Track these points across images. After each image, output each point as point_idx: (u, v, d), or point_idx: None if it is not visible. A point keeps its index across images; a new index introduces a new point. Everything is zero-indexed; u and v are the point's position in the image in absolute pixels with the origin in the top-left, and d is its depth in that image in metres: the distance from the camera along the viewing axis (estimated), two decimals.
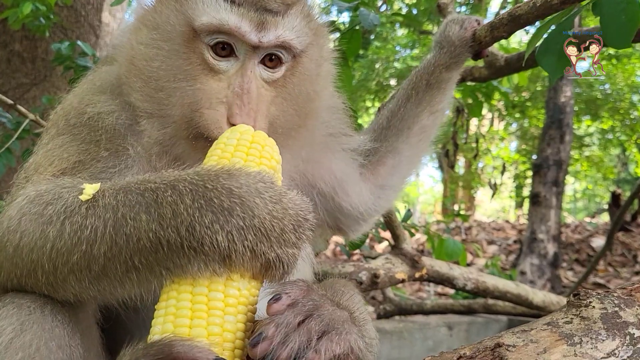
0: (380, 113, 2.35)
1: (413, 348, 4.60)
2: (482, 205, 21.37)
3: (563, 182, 8.89)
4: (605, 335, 1.30)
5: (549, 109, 8.86)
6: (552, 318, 1.36)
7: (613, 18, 1.70)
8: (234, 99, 1.55)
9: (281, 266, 1.25)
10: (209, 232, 1.19)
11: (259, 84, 1.60)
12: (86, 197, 1.30)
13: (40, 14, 3.99)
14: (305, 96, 1.71)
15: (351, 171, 2.11)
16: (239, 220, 1.21)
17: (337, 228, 2.22)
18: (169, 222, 1.20)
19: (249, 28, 1.56)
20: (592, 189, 20.43)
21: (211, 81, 1.57)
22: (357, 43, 3.21)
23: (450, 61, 2.22)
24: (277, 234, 1.23)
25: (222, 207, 1.21)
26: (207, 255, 1.20)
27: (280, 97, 1.65)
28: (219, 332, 1.18)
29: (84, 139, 1.61)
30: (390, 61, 12.71)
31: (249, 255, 1.21)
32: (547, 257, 8.25)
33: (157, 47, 1.60)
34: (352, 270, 3.51)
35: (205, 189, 1.23)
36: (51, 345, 1.28)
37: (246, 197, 1.23)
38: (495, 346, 1.27)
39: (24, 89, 5.04)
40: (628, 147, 15.17)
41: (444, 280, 4.17)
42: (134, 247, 1.22)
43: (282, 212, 1.25)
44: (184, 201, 1.22)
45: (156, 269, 1.23)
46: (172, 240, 1.20)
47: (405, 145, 2.25)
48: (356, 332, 1.21)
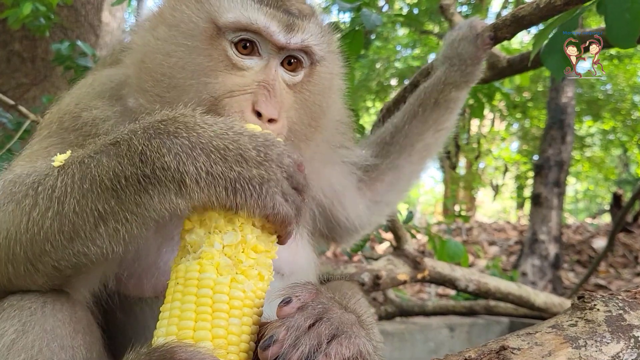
0: (384, 126, 2.31)
1: (414, 349, 4.59)
2: (483, 206, 21.37)
3: (564, 182, 8.88)
4: (610, 338, 1.29)
5: (550, 109, 8.85)
6: (557, 321, 1.36)
7: (618, 17, 1.69)
8: (260, 90, 1.53)
9: (252, 190, 1.23)
10: (158, 154, 1.22)
11: (280, 83, 1.60)
12: (58, 163, 1.35)
13: (40, 14, 3.98)
14: (318, 108, 1.71)
15: (349, 185, 2.11)
16: (184, 140, 1.23)
17: (331, 238, 2.22)
18: (125, 156, 1.24)
19: (277, 29, 1.56)
20: (594, 189, 20.42)
21: (234, 77, 1.56)
22: (359, 43, 3.20)
23: (461, 80, 2.17)
24: (235, 153, 1.24)
25: (167, 131, 1.24)
26: (160, 182, 1.22)
27: (297, 104, 1.65)
28: (224, 334, 1.17)
29: (71, 142, 1.60)
30: (391, 61, 12.71)
31: (205, 177, 1.22)
32: (548, 258, 8.24)
33: (176, 44, 1.57)
34: (354, 272, 3.50)
35: (156, 121, 1.28)
36: (53, 346, 1.28)
37: (191, 122, 1.27)
38: (500, 349, 1.26)
39: (24, 88, 5.04)
40: (629, 147, 15.17)
41: (445, 282, 4.16)
42: (98, 193, 1.25)
43: (233, 134, 1.27)
44: (136, 134, 1.25)
45: (121, 215, 1.25)
46: (128, 173, 1.23)
47: (406, 163, 2.23)
48: (364, 336, 1.21)
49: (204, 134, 1.25)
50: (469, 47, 2.16)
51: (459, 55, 2.17)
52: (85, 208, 1.26)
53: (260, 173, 1.25)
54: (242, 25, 1.55)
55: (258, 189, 1.24)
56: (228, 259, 1.24)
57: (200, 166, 1.22)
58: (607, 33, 1.73)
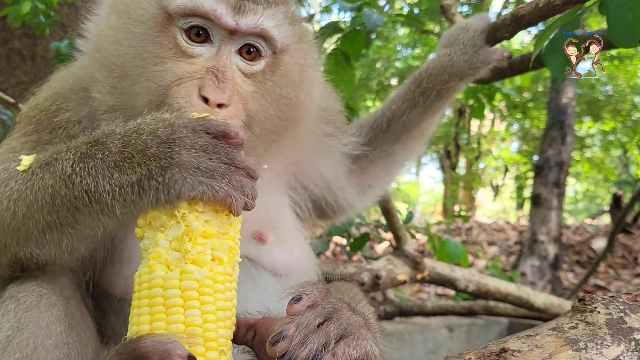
0: (380, 110, 2.26)
1: (413, 349, 4.58)
2: (482, 206, 21.37)
3: (564, 183, 8.87)
4: (611, 341, 1.29)
5: (550, 110, 8.84)
6: (557, 323, 1.35)
7: (619, 17, 1.69)
8: (208, 76, 1.49)
9: (157, 184, 1.22)
10: (79, 178, 1.28)
11: (235, 71, 1.55)
12: (22, 167, 1.40)
13: (40, 12, 3.97)
14: (286, 100, 1.66)
15: (340, 173, 2.10)
16: (99, 161, 1.29)
17: (320, 218, 2.23)
18: (60, 177, 1.30)
19: (226, 11, 1.51)
20: (593, 190, 20.41)
21: (183, 64, 1.52)
22: (359, 43, 3.19)
23: (467, 72, 2.08)
24: (140, 156, 1.25)
25: (87, 154, 1.31)
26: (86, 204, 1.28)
27: (259, 94, 1.59)
28: (182, 329, 1.17)
29: (48, 142, 1.61)
30: (391, 61, 12.69)
31: (119, 192, 1.25)
32: (547, 259, 8.24)
33: (127, 31, 1.55)
34: (354, 272, 3.49)
35: (83, 143, 1.34)
36: (48, 344, 1.29)
37: (108, 140, 1.31)
38: (501, 351, 1.26)
39: (24, 86, 5.01)
40: (629, 148, 15.15)
41: (445, 282, 4.16)
42: (42, 205, 1.32)
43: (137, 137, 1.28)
44: (67, 155, 1.33)
45: (63, 228, 1.33)
46: (62, 193, 1.29)
47: (401, 149, 2.21)
48: (372, 339, 1.22)
49: (114, 148, 1.28)
50: (483, 41, 2.06)
51: (474, 46, 2.06)
52: (34, 215, 1.34)
53: (161, 164, 1.23)
54: (190, 9, 1.51)
55: (168, 179, 1.22)
56: (176, 252, 1.23)
57: (114, 182, 1.25)
58: (609, 34, 1.73)
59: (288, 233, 1.87)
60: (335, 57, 3.05)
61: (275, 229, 1.81)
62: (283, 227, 1.86)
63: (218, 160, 1.25)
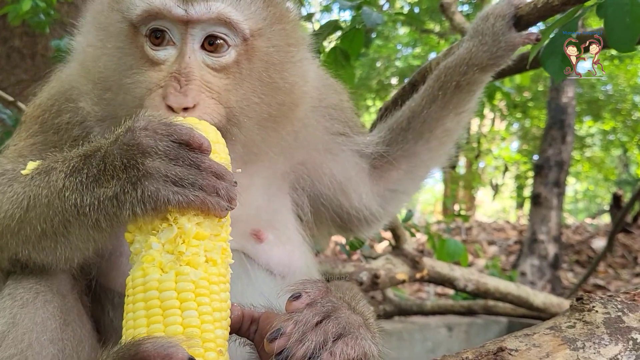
0: (400, 109, 2.12)
1: (413, 349, 4.59)
2: (482, 205, 21.36)
3: (564, 182, 8.87)
4: (608, 340, 1.29)
5: (550, 109, 8.84)
6: (555, 322, 1.35)
7: (617, 20, 1.67)
8: (170, 82, 1.48)
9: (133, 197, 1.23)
10: (69, 191, 1.32)
11: (201, 69, 1.51)
12: (26, 172, 1.46)
13: (40, 10, 3.97)
14: (272, 85, 1.61)
15: (354, 173, 2.01)
16: (84, 176, 1.32)
17: (344, 227, 2.12)
18: (53, 189, 1.35)
19: (174, 3, 1.49)
20: (593, 190, 20.41)
21: (151, 72, 1.52)
22: (359, 42, 3.19)
23: (488, 62, 1.93)
24: (109, 169, 1.28)
25: (77, 168, 1.34)
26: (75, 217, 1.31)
27: (235, 85, 1.56)
28: (180, 330, 1.17)
29: (55, 143, 1.67)
30: (391, 60, 12.69)
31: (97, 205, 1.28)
32: (547, 258, 8.24)
33: (104, 47, 1.60)
34: (353, 271, 3.50)
35: (76, 155, 1.38)
36: (43, 340, 1.30)
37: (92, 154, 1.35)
38: (498, 350, 1.26)
39: (24, 85, 5.01)
40: (629, 148, 15.15)
41: (444, 281, 4.16)
42: (36, 213, 1.36)
43: (107, 149, 1.31)
44: (61, 167, 1.38)
45: (56, 237, 1.36)
46: (55, 205, 1.34)
47: (424, 150, 2.07)
48: (370, 338, 1.22)
49: (94, 162, 1.31)
50: (505, 27, 1.92)
51: (494, 34, 1.92)
52: (32, 220, 1.37)
53: (131, 177, 1.25)
54: (146, 12, 1.51)
55: (134, 195, 1.23)
56: (170, 254, 1.23)
57: (95, 196, 1.28)
58: (607, 37, 1.71)
59: (288, 234, 1.84)
60: (335, 55, 3.04)
61: (275, 228, 1.79)
62: (283, 228, 1.83)
63: (184, 167, 1.24)
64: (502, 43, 1.91)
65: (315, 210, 1.98)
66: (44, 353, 1.29)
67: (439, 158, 2.16)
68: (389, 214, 2.17)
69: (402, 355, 4.45)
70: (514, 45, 1.92)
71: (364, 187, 2.04)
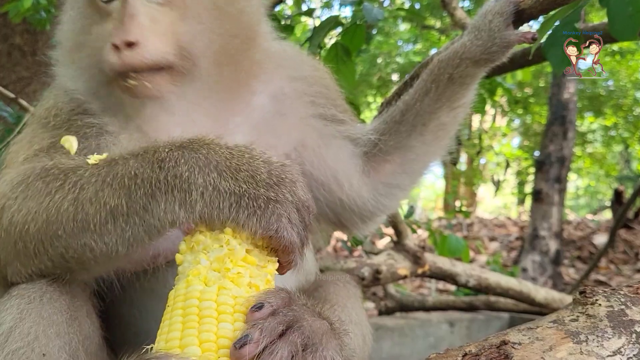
0: (395, 103, 2.12)
1: (414, 345, 4.59)
2: (484, 201, 21.37)
3: (565, 178, 8.87)
4: (612, 334, 1.28)
5: (552, 105, 8.83)
6: (558, 316, 1.35)
7: (619, 10, 1.68)
8: (115, 24, 1.57)
9: (256, 207, 1.24)
10: (174, 163, 1.29)
11: (144, 5, 1.57)
12: (93, 162, 1.40)
13: (40, 8, 3.97)
14: (224, 13, 1.66)
15: (346, 161, 1.99)
16: (200, 156, 1.30)
17: (338, 223, 2.11)
18: (148, 161, 1.31)
19: None
20: (595, 186, 20.40)
21: (104, 23, 1.62)
22: (360, 38, 3.19)
23: (481, 56, 1.92)
24: (246, 174, 1.28)
25: (190, 147, 1.32)
26: (168, 190, 1.27)
27: (184, 16, 1.61)
28: (214, 339, 1.15)
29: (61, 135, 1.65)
30: (392, 56, 12.68)
31: (211, 191, 1.25)
32: (548, 254, 8.24)
33: (69, 17, 1.75)
34: (354, 266, 3.50)
35: (186, 139, 1.35)
36: (49, 333, 1.29)
37: (213, 144, 1.34)
38: (501, 343, 1.26)
39: (25, 82, 5.02)
40: (631, 144, 15.14)
41: (446, 277, 4.16)
42: (115, 189, 1.31)
43: (249, 158, 1.31)
44: (164, 145, 1.34)
45: (129, 216, 1.30)
46: (145, 176, 1.29)
47: (418, 143, 2.05)
48: (334, 347, 1.20)
49: (222, 154, 1.31)
50: (502, 25, 1.91)
51: (489, 30, 1.91)
52: (101, 199, 1.31)
53: (268, 194, 1.26)
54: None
55: (263, 207, 1.24)
56: (216, 272, 1.24)
57: (210, 180, 1.26)
58: (609, 26, 1.71)
59: None
60: (336, 51, 3.05)
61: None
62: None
63: (301, 220, 1.29)
64: (497, 39, 1.90)
65: None
66: (51, 345, 1.28)
67: (435, 153, 2.14)
68: (384, 208, 2.15)
69: (403, 351, 4.46)
70: (508, 42, 1.90)
71: (355, 174, 2.03)
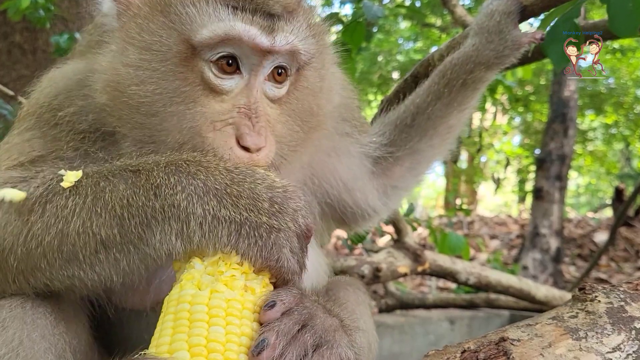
0: (404, 104, 2.10)
1: (414, 342, 4.59)
2: (484, 199, 21.35)
3: (566, 176, 8.87)
4: (611, 330, 1.28)
5: (552, 103, 8.83)
6: (558, 312, 1.35)
7: (620, 7, 1.69)
8: (242, 120, 1.41)
9: (257, 237, 1.21)
10: (171, 191, 1.23)
11: (264, 101, 1.47)
12: (68, 184, 1.32)
13: (39, 6, 3.96)
14: (309, 111, 1.59)
15: (359, 171, 1.99)
16: (199, 182, 1.24)
17: (341, 222, 2.11)
18: (142, 187, 1.25)
19: (259, 32, 1.40)
20: (596, 183, 20.38)
21: (213, 103, 1.43)
22: (360, 35, 3.18)
23: (494, 61, 1.93)
24: (247, 201, 1.23)
25: (188, 171, 1.26)
26: (165, 220, 1.23)
27: (284, 115, 1.53)
28: (204, 343, 1.13)
29: (54, 137, 1.55)
30: (393, 54, 12.67)
31: (210, 221, 1.21)
32: (549, 252, 8.24)
33: (150, 69, 1.42)
34: (354, 264, 3.50)
35: (181, 159, 1.29)
36: (34, 336, 1.28)
37: (212, 167, 1.27)
38: (500, 340, 1.25)
39: (25, 80, 5.01)
40: (632, 141, 15.12)
41: (446, 275, 4.16)
42: (106, 219, 1.25)
43: (251, 183, 1.26)
44: (158, 167, 1.28)
45: (123, 245, 1.25)
46: (140, 204, 1.24)
47: (427, 147, 2.06)
48: (346, 344, 1.21)
49: (221, 180, 1.25)
50: (511, 25, 1.90)
51: (500, 32, 1.91)
52: (89, 230, 1.25)
53: (270, 222, 1.22)
54: (220, 37, 1.39)
55: (265, 237, 1.21)
56: (210, 276, 1.22)
57: (209, 209, 1.22)
58: (609, 23, 1.72)
59: None
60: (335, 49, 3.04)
61: None
62: None
63: (301, 247, 1.28)
64: (508, 42, 1.90)
65: (319, 209, 1.96)
66: (36, 348, 1.26)
67: (440, 154, 2.15)
68: (389, 209, 2.17)
69: (404, 349, 4.46)
70: (520, 44, 1.90)
71: (369, 186, 2.03)
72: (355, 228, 2.18)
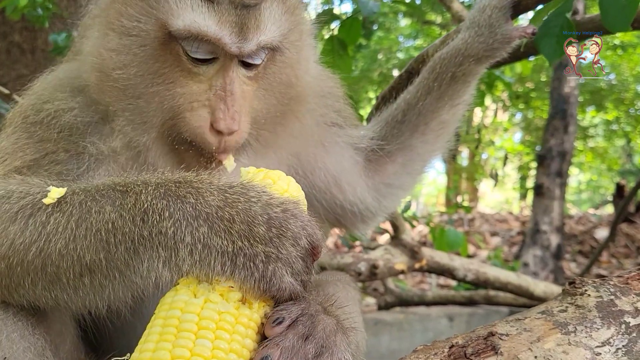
0: (395, 102, 2.10)
1: (413, 339, 4.60)
2: (485, 196, 21.32)
3: (567, 173, 8.84)
4: (600, 324, 1.28)
5: (553, 99, 8.80)
6: (547, 307, 1.35)
7: (613, 2, 1.68)
8: (217, 103, 1.46)
9: (253, 269, 1.13)
10: (159, 217, 1.16)
11: (241, 83, 1.51)
12: (50, 200, 1.28)
13: (38, 5, 3.97)
14: (286, 83, 1.62)
15: (348, 166, 1.97)
16: (189, 207, 1.17)
17: (338, 224, 2.10)
18: (129, 211, 1.19)
19: (229, 38, 1.44)
20: (597, 180, 20.33)
21: (191, 83, 1.49)
22: (357, 31, 3.18)
23: (483, 54, 1.91)
24: (240, 227, 1.15)
25: (177, 194, 1.19)
26: (153, 247, 1.16)
27: (261, 89, 1.57)
28: (187, 356, 1.08)
29: (41, 137, 1.54)
30: (393, 52, 12.64)
31: (200, 250, 1.15)
32: (550, 249, 8.23)
33: (131, 54, 1.49)
34: (351, 262, 3.50)
35: (170, 180, 1.24)
36: (13, 337, 1.26)
37: (203, 188, 1.20)
38: (488, 335, 1.26)
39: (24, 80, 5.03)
40: (633, 138, 15.07)
41: (444, 271, 4.16)
42: (90, 242, 1.19)
43: (245, 202, 1.18)
44: (147, 189, 1.21)
45: (108, 271, 1.20)
46: (126, 230, 1.18)
47: (420, 142, 2.04)
48: (345, 347, 1.20)
49: (213, 202, 1.17)
50: (502, 19, 1.90)
51: (490, 26, 1.90)
52: (73, 253, 1.20)
53: (267, 251, 1.14)
54: (193, 34, 1.43)
55: (262, 268, 1.14)
56: (207, 284, 1.17)
57: (199, 237, 1.15)
58: (602, 18, 1.72)
59: None
60: (332, 45, 3.04)
61: None
62: None
63: (305, 268, 1.20)
64: (498, 35, 1.89)
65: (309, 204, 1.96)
66: (15, 347, 1.24)
67: (435, 151, 2.13)
68: (385, 209, 2.13)
69: (402, 346, 4.46)
70: (510, 38, 1.90)
71: (359, 180, 2.00)
72: (353, 229, 2.16)
